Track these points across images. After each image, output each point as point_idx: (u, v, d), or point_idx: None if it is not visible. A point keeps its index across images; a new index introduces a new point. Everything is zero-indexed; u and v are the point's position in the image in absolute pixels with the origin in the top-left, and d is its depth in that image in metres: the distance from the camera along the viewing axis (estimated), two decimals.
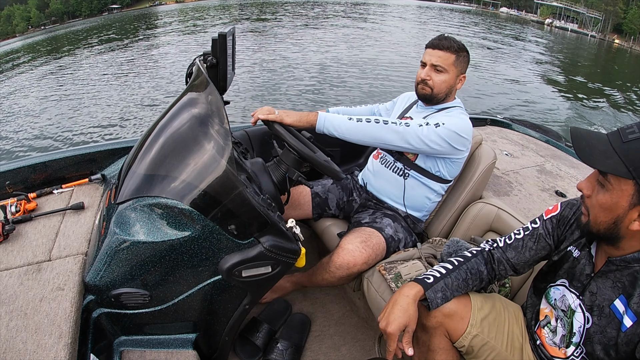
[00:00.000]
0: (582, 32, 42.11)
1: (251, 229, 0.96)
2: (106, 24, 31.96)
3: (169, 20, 29.76)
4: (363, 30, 21.92)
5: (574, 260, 0.96)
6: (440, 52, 1.44)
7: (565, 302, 0.96)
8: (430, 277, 1.01)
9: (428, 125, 1.35)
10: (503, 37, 25.38)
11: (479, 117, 2.66)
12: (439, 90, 1.47)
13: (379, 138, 1.33)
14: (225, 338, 1.17)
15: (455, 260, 1.06)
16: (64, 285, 0.95)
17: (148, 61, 14.23)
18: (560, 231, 1.01)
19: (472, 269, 1.04)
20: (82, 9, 53.65)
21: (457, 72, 1.47)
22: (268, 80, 10.55)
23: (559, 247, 1.01)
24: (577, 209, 0.99)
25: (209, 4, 41.06)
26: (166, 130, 0.99)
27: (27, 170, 1.40)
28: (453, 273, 1.02)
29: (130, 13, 45.14)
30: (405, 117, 1.61)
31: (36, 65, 16.07)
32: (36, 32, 42.66)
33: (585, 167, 2.29)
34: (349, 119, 1.32)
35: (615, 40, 41.30)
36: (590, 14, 43.97)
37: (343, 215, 1.71)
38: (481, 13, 49.62)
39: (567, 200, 1.03)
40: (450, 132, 1.36)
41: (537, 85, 12.85)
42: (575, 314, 0.93)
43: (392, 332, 0.92)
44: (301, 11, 30.67)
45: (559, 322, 0.98)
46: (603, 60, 25.50)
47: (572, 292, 0.95)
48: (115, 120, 8.37)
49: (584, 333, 0.90)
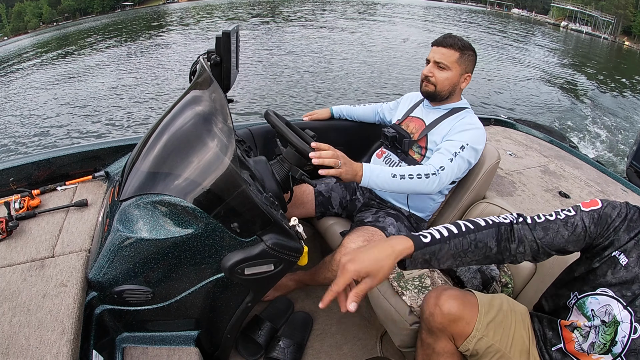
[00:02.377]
0: (596, 35, 43.60)
1: (254, 227, 0.96)
2: (118, 21, 31.96)
3: (179, 17, 29.76)
4: (370, 28, 21.92)
5: (622, 268, 0.87)
6: (444, 50, 1.44)
7: (609, 312, 0.88)
8: (427, 236, 0.85)
9: (457, 156, 1.36)
10: (522, 38, 26.14)
11: (483, 117, 2.64)
12: (441, 87, 1.47)
13: (419, 192, 1.32)
14: (227, 335, 1.17)
15: (464, 225, 0.89)
16: (67, 281, 0.95)
17: (153, 59, 14.22)
18: (599, 230, 0.90)
19: (480, 241, 0.88)
20: (94, 5, 53.66)
21: (460, 70, 1.46)
22: (272, 77, 10.52)
23: (598, 250, 0.91)
24: (620, 211, 0.90)
25: (220, 2, 41.07)
26: (170, 128, 0.99)
27: (31, 167, 1.40)
28: (454, 239, 0.86)
29: (143, 10, 45.05)
30: (412, 117, 1.61)
31: (44, 62, 16.09)
32: (48, 28, 42.62)
33: (589, 167, 2.29)
34: (392, 175, 1.26)
35: (625, 42, 42.38)
36: (603, 18, 45.68)
37: (346, 214, 1.71)
38: (495, 14, 50.87)
39: (607, 200, 0.93)
40: (473, 150, 1.41)
41: (557, 83, 13.25)
42: (621, 324, 0.86)
43: (348, 270, 0.77)
44: (307, 9, 30.65)
45: (592, 330, 0.91)
46: (614, 60, 26.37)
47: (620, 302, 0.87)
48: (118, 117, 8.38)
49: (628, 343, 0.85)
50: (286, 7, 32.36)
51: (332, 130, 1.89)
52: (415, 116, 1.60)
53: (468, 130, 1.42)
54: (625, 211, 0.89)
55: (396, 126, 1.62)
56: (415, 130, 1.57)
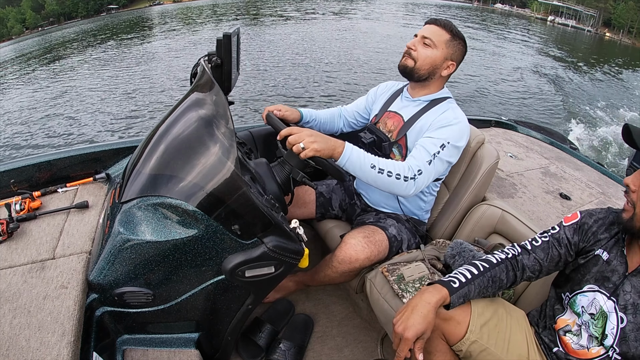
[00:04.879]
0: (580, 28, 47.56)
1: (255, 229, 0.96)
2: (106, 24, 32.05)
3: (169, 20, 29.84)
4: (365, 26, 22.19)
5: (604, 263, 0.97)
6: (435, 27, 1.37)
7: (595, 305, 0.96)
8: (455, 281, 0.99)
9: (436, 158, 1.28)
10: (513, 33, 27.43)
11: (483, 119, 2.65)
12: (421, 64, 1.37)
13: (391, 191, 1.25)
14: (228, 338, 1.17)
15: (481, 265, 1.04)
16: (68, 283, 0.95)
17: (152, 61, 14.28)
18: (580, 236, 1.03)
19: (495, 276, 1.02)
20: (78, 9, 53.46)
21: (446, 53, 1.37)
22: (273, 79, 10.56)
23: (582, 253, 1.02)
24: (597, 217, 1.03)
25: (204, 3, 41.22)
26: (171, 131, 0.99)
27: (32, 168, 1.40)
28: (477, 280, 1.00)
29: (130, 13, 45.00)
30: (389, 112, 1.52)
31: (38, 67, 16.15)
32: (33, 33, 42.53)
33: (589, 169, 2.29)
34: (372, 166, 1.19)
35: (606, 33, 46.71)
36: (587, 12, 49.66)
37: (346, 217, 1.71)
38: (481, 9, 53.09)
39: (586, 210, 1.06)
40: (455, 148, 1.33)
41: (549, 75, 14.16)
42: (609, 316, 0.93)
43: (408, 338, 0.89)
44: (298, 9, 30.76)
45: (583, 326, 0.98)
46: (596, 50, 28.56)
47: (604, 294, 0.95)
48: (119, 119, 8.41)
49: (617, 333, 0.91)
50: (279, 7, 32.54)
51: None
52: (393, 111, 1.51)
53: (449, 126, 1.33)
54: (603, 216, 1.03)
55: (373, 128, 1.53)
56: (393, 127, 1.48)
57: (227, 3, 38.81)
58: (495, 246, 1.47)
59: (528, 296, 1.35)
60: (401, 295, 1.23)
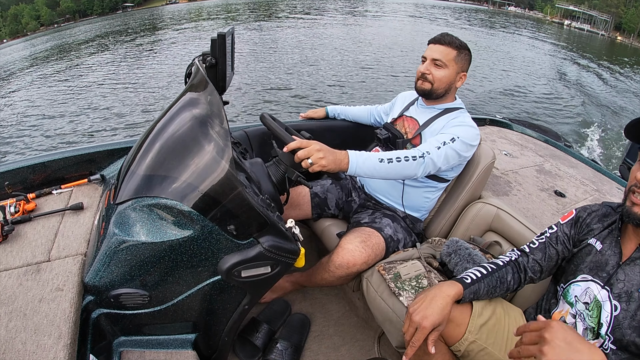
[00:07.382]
0: (595, 32, 50.27)
1: (250, 229, 0.96)
2: (120, 23, 31.92)
3: (179, 19, 29.80)
4: (366, 28, 22.14)
5: (597, 252, 1.00)
6: (441, 47, 1.45)
7: (589, 294, 0.98)
8: (468, 278, 1.03)
9: (445, 145, 1.34)
10: (534, 37, 28.67)
11: (478, 117, 2.66)
12: (438, 85, 1.47)
13: (404, 175, 1.29)
14: (224, 338, 1.17)
15: (489, 266, 1.07)
16: (63, 285, 0.95)
17: (149, 61, 14.21)
18: (576, 231, 1.07)
19: (502, 277, 1.06)
20: (93, 6, 53.16)
21: (457, 68, 1.47)
22: (267, 79, 10.54)
23: (576, 244, 1.06)
24: (590, 210, 1.07)
25: (217, 2, 41.12)
26: (165, 131, 0.99)
27: (26, 170, 1.39)
28: (486, 279, 1.04)
29: (145, 12, 44.80)
30: (405, 116, 1.61)
31: (39, 65, 16.05)
32: (48, 30, 42.30)
33: (584, 166, 2.30)
34: (380, 160, 1.22)
35: (617, 37, 48.87)
36: (601, 17, 52.91)
37: (342, 215, 1.71)
38: (497, 12, 55.56)
39: (583, 206, 1.11)
40: (464, 145, 1.38)
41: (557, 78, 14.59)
42: (603, 305, 0.94)
43: (426, 327, 0.91)
44: (301, 10, 30.73)
45: (578, 317, 0.99)
46: (608, 52, 29.41)
47: (598, 283, 0.97)
48: (114, 120, 8.36)
49: (611, 321, 0.92)
50: (288, 7, 32.53)
51: (328, 131, 1.90)
52: (410, 116, 1.60)
53: (460, 126, 1.42)
54: (597, 209, 1.07)
55: (389, 126, 1.61)
56: (409, 130, 1.57)
57: (239, 2, 38.82)
58: (490, 244, 1.48)
59: (524, 293, 1.36)
60: (398, 294, 1.24)
